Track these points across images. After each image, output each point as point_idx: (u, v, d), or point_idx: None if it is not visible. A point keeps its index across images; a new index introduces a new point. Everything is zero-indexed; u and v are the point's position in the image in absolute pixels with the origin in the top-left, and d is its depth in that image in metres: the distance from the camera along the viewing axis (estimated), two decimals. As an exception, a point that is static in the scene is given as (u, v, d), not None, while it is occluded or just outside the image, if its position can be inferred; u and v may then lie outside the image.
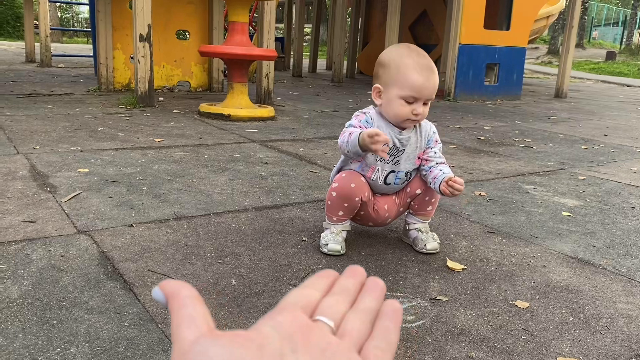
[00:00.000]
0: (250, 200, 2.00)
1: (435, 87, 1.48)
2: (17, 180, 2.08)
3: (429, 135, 1.59)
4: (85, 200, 1.89)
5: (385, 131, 1.51)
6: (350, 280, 0.33)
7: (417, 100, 1.47)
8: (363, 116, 1.56)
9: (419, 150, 1.58)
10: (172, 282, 0.30)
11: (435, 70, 1.49)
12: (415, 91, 1.45)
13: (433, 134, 1.61)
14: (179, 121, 3.69)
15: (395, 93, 1.47)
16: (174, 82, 5.53)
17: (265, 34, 4.63)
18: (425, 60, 1.47)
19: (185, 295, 0.29)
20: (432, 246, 1.58)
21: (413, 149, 1.56)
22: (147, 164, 2.46)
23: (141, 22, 4.03)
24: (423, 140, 1.58)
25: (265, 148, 3.00)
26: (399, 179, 1.58)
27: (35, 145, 2.67)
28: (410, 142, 1.56)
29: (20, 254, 1.41)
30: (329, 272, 0.34)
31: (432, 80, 1.46)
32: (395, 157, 1.55)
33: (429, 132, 1.59)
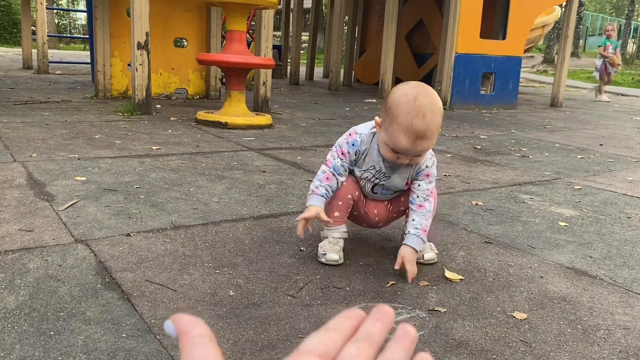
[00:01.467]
0: (248, 209, 2.00)
1: (423, 151, 1.42)
2: (13, 188, 2.07)
3: (419, 167, 1.53)
4: (83, 209, 1.88)
5: (375, 156, 1.52)
6: (377, 324, 0.30)
7: (403, 155, 1.43)
8: (353, 137, 1.54)
9: (408, 180, 1.56)
10: (186, 318, 0.29)
11: (430, 137, 1.38)
12: (399, 149, 1.41)
13: (425, 168, 1.54)
14: (176, 129, 3.69)
15: (386, 138, 1.43)
16: (172, 90, 5.54)
17: (263, 42, 4.64)
18: (422, 122, 1.35)
19: (197, 333, 0.28)
20: (429, 256, 1.58)
21: (401, 178, 1.55)
22: (145, 172, 2.46)
23: (139, 30, 4.04)
24: (413, 170, 1.54)
25: (262, 156, 3.00)
26: (385, 192, 1.59)
27: (32, 153, 2.66)
28: (398, 171, 1.53)
29: (17, 264, 1.40)
30: (355, 312, 0.31)
31: (418, 147, 1.39)
32: (379, 180, 1.56)
33: (421, 166, 1.53)
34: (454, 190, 2.50)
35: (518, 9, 6.36)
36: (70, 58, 11.17)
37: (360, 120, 4.82)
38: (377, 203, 1.63)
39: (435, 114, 1.37)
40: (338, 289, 1.38)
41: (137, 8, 4.01)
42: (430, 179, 1.54)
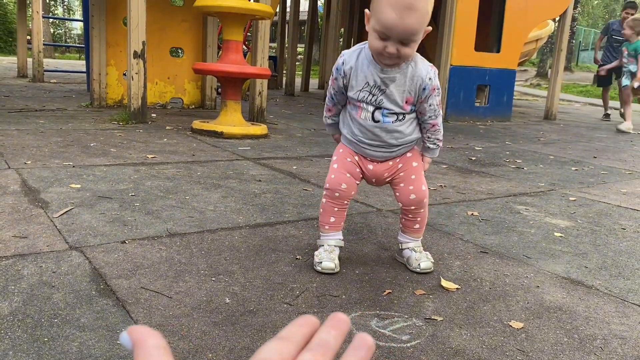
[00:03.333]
0: (243, 218, 2.00)
1: (410, 29, 1.32)
2: (7, 195, 2.06)
3: (422, 82, 1.44)
4: (77, 216, 1.87)
5: (367, 69, 1.46)
6: (332, 332, 0.29)
7: (389, 38, 1.35)
8: (337, 62, 1.52)
9: (407, 95, 1.46)
10: (141, 329, 0.29)
11: (417, 9, 1.31)
12: (385, 28, 1.33)
13: (429, 81, 1.44)
14: (171, 138, 3.68)
15: (372, 24, 1.37)
16: (167, 99, 5.54)
17: (259, 53, 4.66)
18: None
19: (152, 344, 0.28)
20: (425, 265, 1.58)
21: (398, 91, 1.45)
22: (140, 180, 2.45)
23: (136, 39, 4.04)
24: (413, 84, 1.44)
25: (258, 165, 3.00)
26: (386, 116, 1.49)
27: (26, 160, 2.65)
28: (395, 82, 1.44)
29: (11, 270, 1.39)
30: (308, 319, 0.30)
31: (405, 21, 1.31)
32: (375, 96, 1.47)
33: (422, 77, 1.43)
34: (450, 200, 2.50)
35: (512, 23, 6.43)
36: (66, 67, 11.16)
37: (356, 131, 4.83)
38: (376, 168, 1.60)
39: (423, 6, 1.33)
40: (334, 297, 1.37)
41: (134, 17, 4.02)
42: (437, 91, 1.50)
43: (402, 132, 1.53)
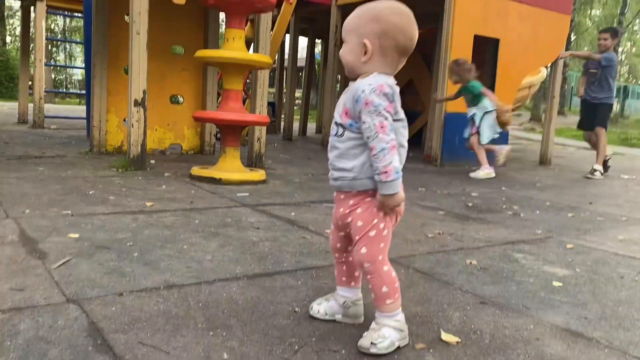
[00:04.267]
0: (241, 268, 1.99)
1: (345, 25, 1.40)
2: (5, 245, 2.06)
3: (356, 92, 1.34)
4: (75, 267, 1.87)
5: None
6: None
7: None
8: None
9: (344, 105, 1.40)
10: None
11: (356, 15, 1.39)
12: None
13: (362, 93, 1.32)
14: (170, 184, 3.70)
15: None
16: (166, 145, 5.59)
17: (258, 100, 4.75)
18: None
19: None
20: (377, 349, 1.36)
21: (341, 101, 1.42)
22: (138, 229, 2.45)
23: (136, 88, 4.12)
24: (350, 94, 1.38)
25: (256, 212, 3.01)
26: (333, 129, 1.45)
27: (25, 209, 2.66)
28: (345, 94, 1.42)
29: (7, 325, 1.38)
30: None
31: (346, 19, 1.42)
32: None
33: (357, 88, 1.35)
34: (448, 248, 2.51)
35: (505, 71, 6.58)
36: (66, 112, 11.29)
37: (353, 176, 4.87)
38: (336, 211, 1.50)
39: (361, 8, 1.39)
40: (334, 352, 1.36)
41: (136, 66, 4.11)
42: (370, 108, 1.31)
43: (340, 152, 1.41)
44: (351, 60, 1.40)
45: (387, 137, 1.31)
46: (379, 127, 1.31)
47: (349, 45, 1.40)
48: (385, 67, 1.39)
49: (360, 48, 1.37)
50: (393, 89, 1.36)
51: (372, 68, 1.38)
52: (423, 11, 7.97)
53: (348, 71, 1.43)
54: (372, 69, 1.38)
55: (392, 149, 1.31)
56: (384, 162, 1.31)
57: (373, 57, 1.37)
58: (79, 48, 36.88)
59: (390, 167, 1.31)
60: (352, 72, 1.42)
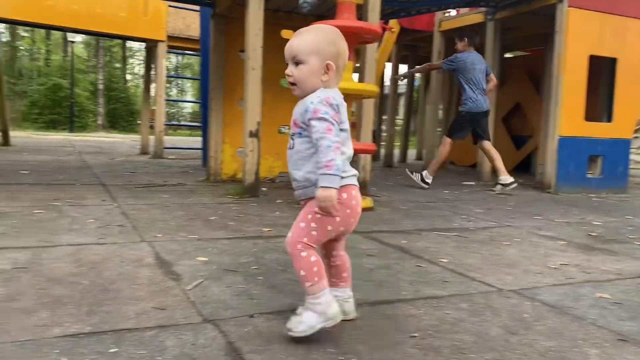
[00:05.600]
0: (361, 294, 2.01)
1: (292, 48, 1.54)
2: (144, 267, 2.24)
3: (305, 104, 1.52)
4: (207, 288, 1.99)
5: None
6: None
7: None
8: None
9: (294, 117, 1.58)
10: None
11: (302, 33, 1.56)
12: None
13: (310, 104, 1.50)
14: (283, 211, 3.84)
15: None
16: (275, 174, 5.82)
17: (364, 128, 4.81)
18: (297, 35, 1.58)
19: None
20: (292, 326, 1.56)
21: (293, 115, 1.59)
22: (259, 253, 2.57)
23: (251, 120, 4.36)
24: (300, 109, 1.55)
25: (367, 240, 3.03)
26: (289, 144, 1.62)
27: (157, 234, 2.88)
28: (294, 109, 1.60)
29: (155, 341, 1.50)
30: None
31: (292, 42, 1.56)
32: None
33: (307, 101, 1.53)
34: (575, 280, 2.36)
35: (625, 91, 6.16)
36: (180, 144, 12.13)
37: (461, 203, 4.76)
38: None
39: (311, 32, 1.57)
40: (467, 384, 1.33)
41: (251, 100, 4.35)
42: (319, 115, 1.48)
43: (294, 162, 1.60)
44: (312, 79, 1.54)
45: (333, 137, 1.47)
46: (327, 129, 1.47)
47: (308, 65, 1.53)
48: (335, 83, 1.59)
49: (321, 69, 1.54)
50: (337, 101, 1.53)
51: (326, 85, 1.56)
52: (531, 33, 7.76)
53: (302, 90, 1.56)
54: (326, 86, 1.56)
55: (337, 149, 1.46)
56: (327, 157, 1.45)
57: (332, 76, 1.56)
58: (189, 83, 39.69)
59: (333, 163, 1.45)
60: (307, 92, 1.55)
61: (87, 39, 28.73)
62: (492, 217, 4.07)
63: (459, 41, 6.03)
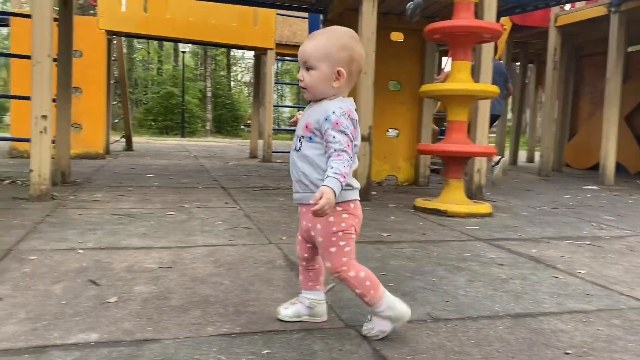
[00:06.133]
0: (500, 306, 1.93)
1: (304, 52, 1.51)
2: (277, 269, 2.31)
3: (327, 112, 1.48)
4: (340, 292, 2.01)
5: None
6: None
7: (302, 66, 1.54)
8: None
9: (307, 120, 1.53)
10: None
11: (317, 39, 1.52)
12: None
13: (332, 114, 1.47)
14: (397, 216, 3.80)
15: None
16: (382, 177, 5.80)
17: (480, 130, 4.65)
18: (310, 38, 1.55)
19: None
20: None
21: (304, 117, 1.56)
22: (384, 258, 2.56)
23: (364, 124, 4.36)
24: (317, 111, 1.51)
25: (493, 247, 2.91)
26: (294, 146, 1.60)
27: (281, 236, 2.96)
28: (307, 111, 1.57)
29: (303, 344, 1.53)
30: None
31: (304, 46, 1.53)
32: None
33: (328, 109, 1.48)
34: None
35: None
36: (284, 147, 12.48)
37: (587, 209, 4.45)
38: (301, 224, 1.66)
39: (323, 36, 1.53)
40: (643, 411, 1.22)
41: (363, 104, 4.36)
42: (340, 127, 1.46)
43: (299, 166, 1.56)
44: (322, 86, 1.51)
45: (351, 154, 1.46)
46: (347, 143, 1.45)
47: (319, 71, 1.50)
48: (348, 89, 1.56)
49: (332, 75, 1.50)
50: (356, 115, 1.52)
51: (339, 91, 1.53)
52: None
53: (313, 95, 1.54)
54: (339, 93, 1.53)
55: (350, 167, 1.46)
56: (344, 169, 1.43)
57: (344, 82, 1.52)
58: (288, 89, 40.77)
59: (345, 176, 1.44)
60: (318, 97, 1.53)
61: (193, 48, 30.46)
62: (626, 225, 3.76)
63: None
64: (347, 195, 1.56)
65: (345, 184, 1.46)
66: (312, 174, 1.53)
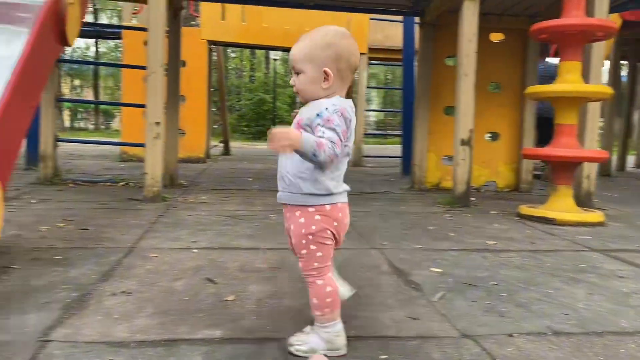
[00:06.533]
0: (627, 322, 1.80)
1: (290, 57, 1.47)
2: (383, 274, 2.31)
3: (319, 108, 1.41)
4: (452, 301, 1.97)
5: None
6: None
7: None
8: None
9: (300, 117, 1.47)
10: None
11: (303, 41, 1.46)
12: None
13: (325, 110, 1.40)
14: (501, 223, 3.67)
15: None
16: (481, 182, 5.62)
17: (589, 134, 4.38)
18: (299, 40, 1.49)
19: None
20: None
21: (299, 116, 1.49)
22: (492, 267, 2.47)
23: (464, 127, 4.26)
24: (309, 109, 1.44)
25: (610, 259, 2.73)
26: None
27: (382, 241, 2.95)
28: (301, 110, 1.50)
29: (420, 352, 1.51)
30: None
31: (291, 51, 1.48)
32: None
33: (320, 105, 1.42)
34: None
35: None
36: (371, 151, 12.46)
37: None
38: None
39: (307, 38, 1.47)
40: None
41: (463, 107, 4.26)
42: (332, 125, 1.38)
43: (283, 165, 1.50)
44: (311, 89, 1.46)
45: (337, 151, 1.36)
46: (337, 142, 1.37)
47: (306, 75, 1.45)
48: (343, 88, 1.49)
49: (320, 76, 1.44)
50: (350, 115, 1.44)
51: (332, 91, 1.46)
52: None
53: (305, 99, 1.49)
54: (332, 93, 1.46)
55: (332, 159, 1.37)
56: (326, 146, 1.34)
57: (333, 82, 1.45)
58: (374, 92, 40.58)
59: (322, 146, 1.34)
60: (310, 99, 1.47)
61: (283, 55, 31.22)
62: None
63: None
64: (323, 200, 1.46)
65: (315, 151, 1.33)
66: (293, 169, 1.46)
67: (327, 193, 1.46)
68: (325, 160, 1.35)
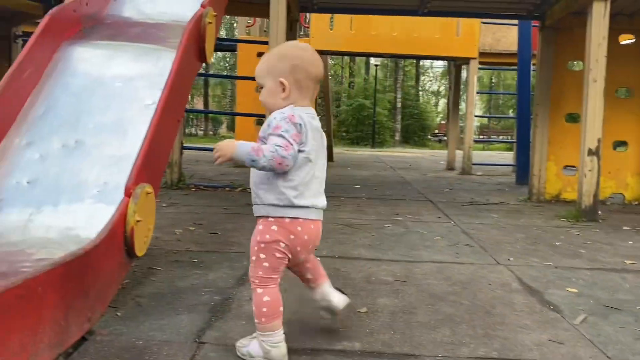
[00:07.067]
0: None
1: (256, 72, 1.53)
2: (515, 293, 2.22)
3: (269, 119, 1.47)
4: (596, 326, 1.85)
5: None
6: None
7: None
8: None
9: (260, 132, 1.51)
10: None
11: (264, 60, 1.53)
12: None
13: (273, 119, 1.45)
14: (635, 241, 3.39)
15: None
16: (606, 195, 5.23)
17: None
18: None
19: None
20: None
21: (261, 129, 1.52)
22: (636, 290, 2.30)
23: (591, 136, 4.01)
24: (264, 125, 1.49)
25: None
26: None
27: (508, 257, 2.85)
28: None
29: (570, 379, 1.44)
30: None
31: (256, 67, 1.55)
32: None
33: (270, 117, 1.48)
34: None
35: None
36: (478, 159, 12.03)
37: None
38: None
39: (267, 54, 1.56)
40: None
41: (591, 114, 4.01)
42: (279, 131, 1.42)
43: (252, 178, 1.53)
44: (272, 101, 1.51)
45: (284, 153, 1.39)
46: (284, 145, 1.40)
47: (266, 88, 1.51)
48: (303, 98, 1.51)
49: (277, 87, 1.49)
50: (303, 120, 1.45)
51: (291, 101, 1.49)
52: None
53: (270, 110, 1.51)
54: (292, 103, 1.49)
55: (277, 161, 1.39)
56: (267, 150, 1.39)
57: (291, 92, 1.48)
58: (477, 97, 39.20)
59: (261, 152, 1.39)
60: (274, 110, 1.49)
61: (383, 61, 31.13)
62: None
63: None
64: (283, 212, 1.46)
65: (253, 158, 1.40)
66: (256, 180, 1.50)
67: (288, 204, 1.46)
68: (270, 164, 1.40)
